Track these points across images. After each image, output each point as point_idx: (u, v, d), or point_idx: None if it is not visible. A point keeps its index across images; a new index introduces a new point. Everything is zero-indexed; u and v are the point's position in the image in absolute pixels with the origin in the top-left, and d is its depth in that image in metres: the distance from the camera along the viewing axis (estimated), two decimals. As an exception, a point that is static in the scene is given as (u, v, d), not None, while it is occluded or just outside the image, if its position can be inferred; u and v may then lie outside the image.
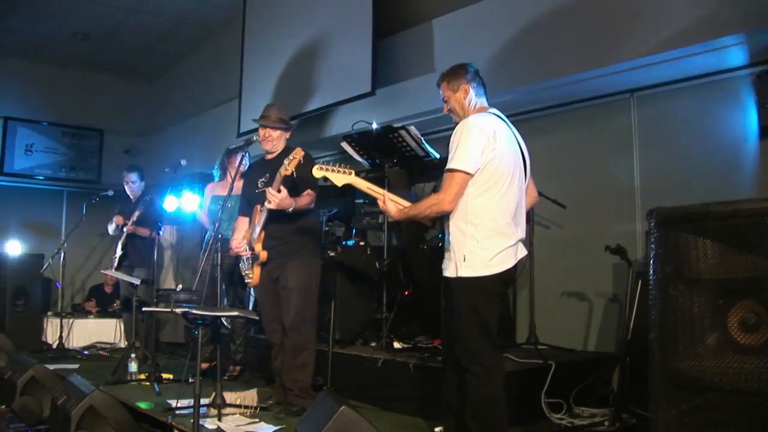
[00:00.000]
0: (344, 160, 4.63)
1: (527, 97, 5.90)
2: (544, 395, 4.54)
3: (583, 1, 5.32)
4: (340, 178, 3.74)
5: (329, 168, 3.75)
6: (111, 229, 7.33)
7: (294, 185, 4.51)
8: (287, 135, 4.92)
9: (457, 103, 3.70)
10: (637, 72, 5.17)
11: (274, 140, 4.84)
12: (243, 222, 4.99)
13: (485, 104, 3.72)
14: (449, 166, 3.44)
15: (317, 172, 3.78)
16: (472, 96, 3.67)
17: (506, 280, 3.53)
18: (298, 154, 4.30)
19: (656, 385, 2.89)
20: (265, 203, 4.47)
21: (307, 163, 4.35)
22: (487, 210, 3.45)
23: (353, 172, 3.75)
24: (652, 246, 2.99)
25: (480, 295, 3.41)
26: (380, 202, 3.68)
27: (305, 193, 4.60)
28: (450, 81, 3.72)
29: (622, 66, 5.08)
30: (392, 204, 3.65)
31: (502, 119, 3.65)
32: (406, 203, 3.66)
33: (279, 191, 4.38)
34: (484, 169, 3.43)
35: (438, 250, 3.74)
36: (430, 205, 3.49)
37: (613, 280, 5.50)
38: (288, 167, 4.29)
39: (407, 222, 4.73)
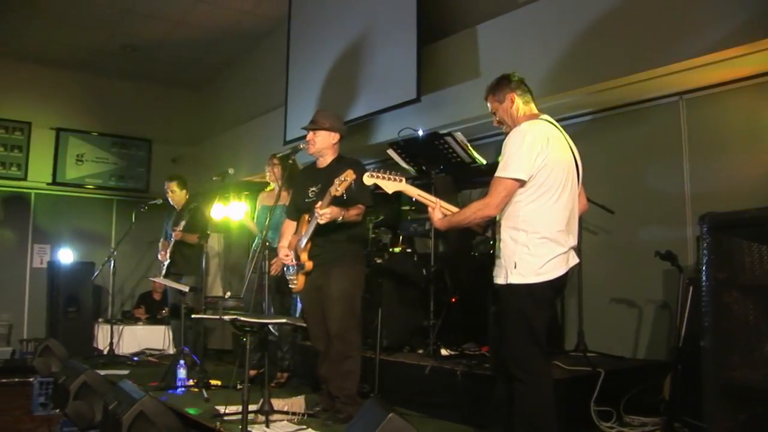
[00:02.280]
0: (390, 167, 4.64)
1: (574, 101, 5.84)
2: (594, 403, 4.48)
3: (630, 4, 5.25)
4: (391, 185, 3.74)
5: (380, 175, 3.75)
6: (161, 256, 7.42)
7: (344, 200, 4.51)
8: (334, 140, 4.86)
9: (505, 113, 3.70)
10: (686, 74, 5.09)
11: (316, 145, 4.82)
12: (290, 227, 5.02)
13: (534, 110, 3.70)
14: (498, 173, 3.43)
15: (368, 180, 3.78)
16: (519, 104, 3.66)
17: (557, 287, 3.51)
18: (349, 176, 4.26)
19: (710, 394, 2.84)
20: (315, 217, 4.48)
21: (360, 176, 4.36)
22: (539, 217, 3.43)
23: (404, 179, 3.74)
24: (705, 252, 2.95)
25: (530, 302, 3.40)
26: (430, 210, 3.69)
27: (355, 205, 4.60)
28: (495, 92, 3.72)
29: (671, 68, 5.00)
30: (439, 213, 3.66)
31: (554, 125, 3.62)
32: (455, 210, 3.65)
33: (328, 206, 4.41)
34: (537, 176, 3.42)
35: (485, 257, 3.72)
36: (475, 210, 3.48)
37: (662, 287, 5.41)
38: (338, 188, 4.28)
39: (455, 230, 4.69)
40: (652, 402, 4.82)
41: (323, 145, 4.83)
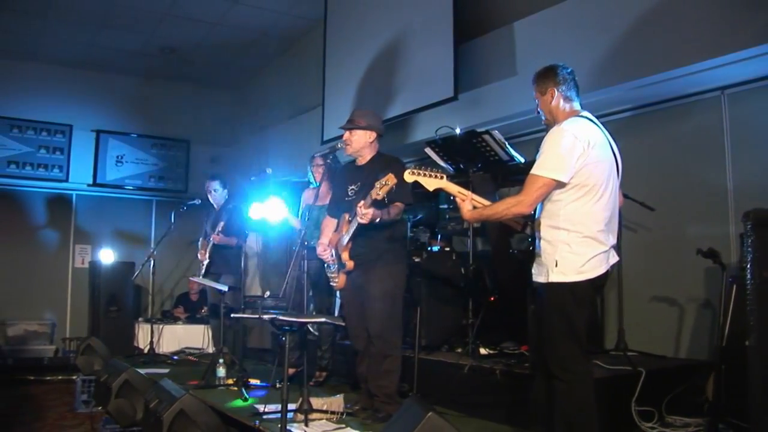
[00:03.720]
0: (429, 165, 4.62)
1: (614, 97, 5.79)
2: (635, 403, 4.44)
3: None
4: (432, 182, 3.74)
5: (421, 172, 3.75)
6: (200, 255, 7.50)
7: (383, 200, 4.51)
8: (371, 138, 4.85)
9: (545, 106, 3.69)
10: (728, 68, 5.01)
11: (353, 144, 4.84)
12: (330, 223, 5.06)
13: (576, 107, 3.68)
14: (534, 170, 3.42)
15: (409, 177, 3.78)
16: (560, 101, 3.64)
17: (597, 286, 3.50)
18: (391, 180, 4.24)
19: (756, 394, 2.81)
20: (356, 217, 4.50)
21: (399, 173, 4.36)
22: (581, 216, 3.42)
23: (445, 176, 3.74)
24: (749, 249, 2.91)
25: (571, 300, 3.39)
26: (459, 200, 3.69)
27: (394, 204, 4.60)
28: (539, 83, 3.71)
29: (713, 62, 4.93)
30: (469, 204, 3.65)
31: (595, 123, 3.60)
32: (487, 203, 3.65)
33: (368, 208, 4.43)
34: (578, 175, 3.41)
35: (524, 255, 3.70)
36: (509, 206, 3.48)
37: (704, 285, 5.35)
38: (380, 192, 4.27)
39: (494, 227, 4.70)
40: (695, 402, 4.76)
41: (360, 145, 4.84)
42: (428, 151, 5.88)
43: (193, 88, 11.85)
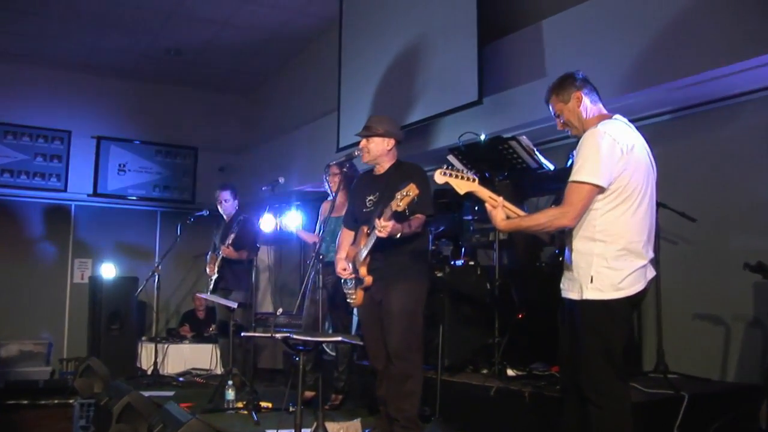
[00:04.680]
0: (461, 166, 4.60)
1: (652, 99, 5.77)
2: (677, 430, 4.41)
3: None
4: (464, 185, 3.69)
5: (453, 173, 3.71)
6: (208, 270, 7.55)
7: (404, 213, 4.48)
8: (389, 146, 4.89)
9: (572, 114, 3.67)
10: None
11: (371, 152, 4.87)
12: (347, 236, 5.09)
13: (603, 110, 3.69)
14: (575, 177, 3.39)
15: (439, 178, 3.73)
16: (586, 103, 3.64)
17: (635, 303, 3.48)
18: (412, 191, 4.18)
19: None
20: (375, 231, 4.49)
21: (420, 183, 4.36)
22: (618, 227, 3.40)
23: (476, 178, 3.71)
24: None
25: (607, 320, 3.37)
26: (489, 207, 3.66)
27: (414, 216, 4.61)
28: (559, 92, 3.70)
29: (762, 60, 4.86)
30: (502, 213, 3.62)
31: (630, 126, 3.60)
32: (521, 213, 3.64)
33: (388, 221, 4.41)
34: (616, 182, 3.39)
35: (554, 269, 3.69)
36: (550, 219, 3.46)
37: (753, 301, 5.30)
38: (400, 203, 4.22)
39: (521, 239, 4.68)
40: (746, 430, 4.71)
41: (378, 152, 4.87)
42: (451, 158, 5.88)
43: (200, 92, 11.92)
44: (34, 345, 10.04)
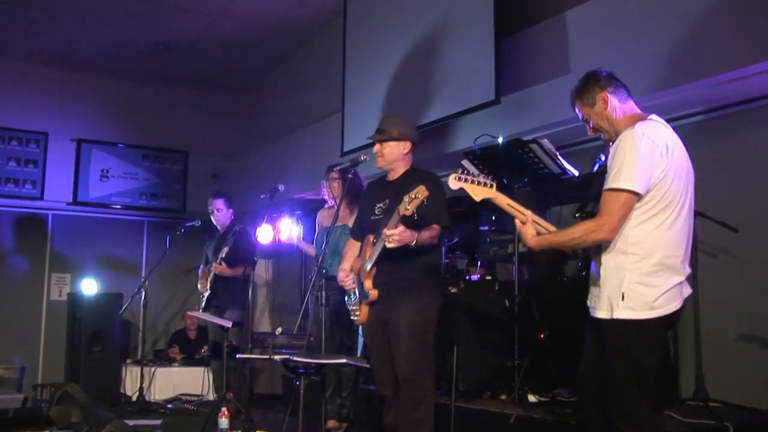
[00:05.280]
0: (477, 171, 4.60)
1: (685, 98, 5.76)
2: (719, 464, 4.40)
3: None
4: (481, 191, 3.69)
5: (469, 178, 3.71)
6: (200, 286, 7.59)
7: (417, 221, 4.50)
8: (405, 150, 4.91)
9: (600, 118, 3.67)
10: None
11: (385, 157, 4.90)
12: (353, 247, 5.12)
13: (636, 108, 3.69)
14: (612, 184, 3.37)
15: (454, 183, 3.73)
16: (614, 103, 3.63)
17: (670, 323, 3.48)
18: (421, 192, 4.22)
19: None
20: (381, 239, 4.50)
21: (435, 191, 4.41)
22: (654, 239, 3.38)
23: (495, 184, 3.71)
24: None
25: (640, 342, 3.36)
26: (518, 223, 3.65)
27: (431, 227, 4.63)
28: (583, 96, 3.71)
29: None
30: (532, 229, 3.61)
31: (668, 128, 3.59)
32: (551, 228, 3.64)
33: (396, 228, 4.40)
34: (655, 189, 3.37)
35: (580, 285, 3.70)
36: (586, 232, 3.43)
37: (804, 322, 5.30)
38: (408, 206, 4.25)
39: (543, 251, 4.69)
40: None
41: (393, 157, 4.90)
42: (465, 163, 5.90)
43: (191, 91, 11.96)
44: (5, 370, 9.92)
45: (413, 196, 4.24)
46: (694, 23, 5.48)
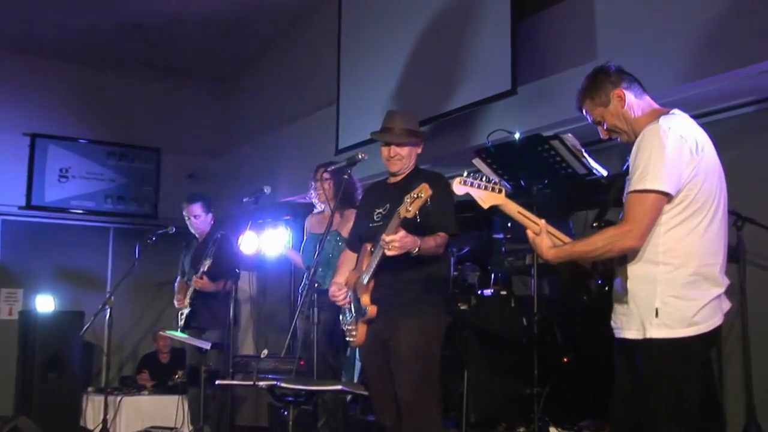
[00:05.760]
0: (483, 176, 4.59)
1: (730, 87, 5.72)
2: None
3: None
4: (488, 197, 3.74)
5: (475, 182, 3.75)
6: (177, 301, 7.61)
7: (420, 226, 4.48)
8: (418, 150, 4.99)
9: (617, 118, 3.70)
10: None
11: (403, 159, 4.92)
12: (348, 259, 5.17)
13: (654, 104, 3.73)
14: (637, 186, 3.40)
15: (459, 188, 3.80)
16: (630, 99, 3.68)
17: (711, 342, 3.49)
18: (425, 192, 4.21)
19: None
20: (380, 247, 4.47)
21: (441, 194, 4.47)
22: (688, 245, 3.41)
23: (504, 189, 3.75)
24: None
25: (681, 364, 3.38)
26: (530, 234, 3.68)
27: (437, 234, 4.65)
28: (594, 95, 3.74)
29: None
30: (548, 239, 3.64)
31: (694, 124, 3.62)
32: (567, 239, 3.67)
33: (396, 233, 4.38)
34: (685, 190, 3.40)
35: (604, 300, 3.73)
36: (611, 241, 3.45)
37: None
38: (410, 208, 4.23)
39: (565, 263, 4.71)
40: None
41: (411, 159, 4.97)
42: (477, 162, 5.93)
43: (164, 79, 11.97)
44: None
45: (415, 195, 4.22)
46: (738, 4, 5.44)
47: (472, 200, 3.80)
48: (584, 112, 3.82)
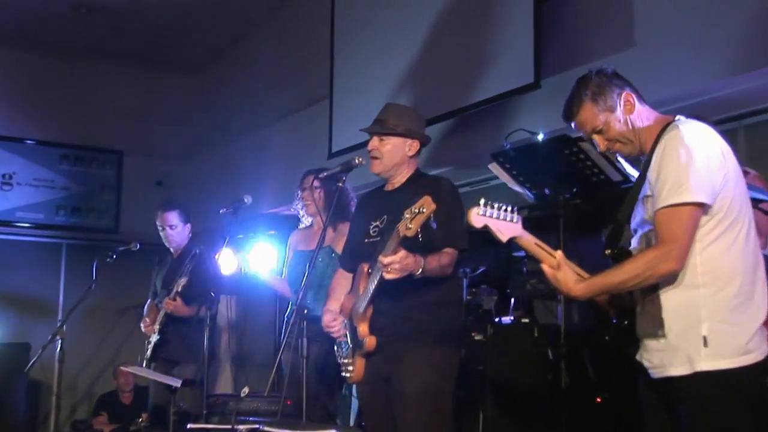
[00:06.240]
0: (492, 192, 4.55)
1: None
2: None
3: None
4: (507, 228, 3.67)
5: (494, 212, 3.65)
6: (144, 326, 7.57)
7: (423, 244, 4.42)
8: (411, 150, 4.94)
9: (624, 126, 3.72)
10: None
11: (384, 158, 4.90)
12: (342, 280, 5.19)
13: (655, 112, 3.77)
14: (671, 199, 3.40)
15: (477, 219, 3.66)
16: (637, 104, 3.72)
17: (763, 370, 3.47)
18: (427, 206, 4.15)
19: None
20: (378, 269, 4.45)
21: (447, 202, 4.48)
22: (730, 263, 3.43)
23: (520, 218, 3.68)
24: None
25: (737, 399, 3.37)
26: (548, 270, 3.65)
27: (443, 251, 4.65)
28: (598, 98, 3.73)
29: None
30: (571, 272, 3.62)
31: None
32: (584, 273, 3.64)
33: (394, 254, 4.33)
34: (718, 200, 3.42)
35: (632, 338, 3.73)
36: (651, 265, 3.43)
37: None
38: (410, 225, 4.18)
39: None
40: None
41: (395, 159, 4.91)
42: (494, 168, 5.96)
43: (127, 70, 12.03)
44: None
45: (416, 210, 4.17)
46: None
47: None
48: (580, 123, 3.81)
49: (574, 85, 3.86)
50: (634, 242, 3.76)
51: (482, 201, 3.67)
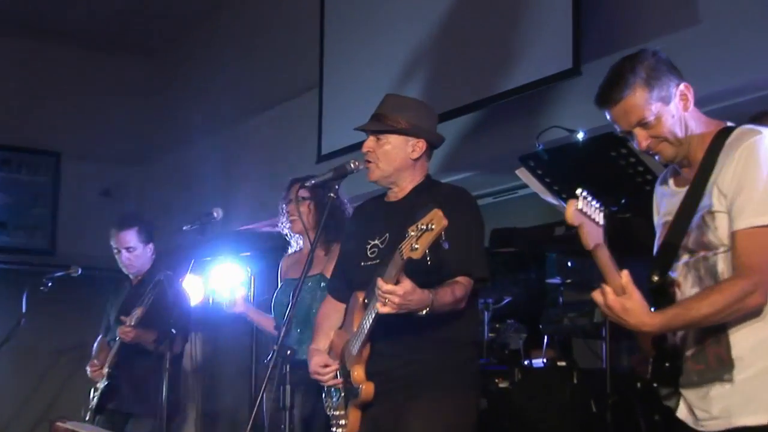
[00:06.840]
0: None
1: None
2: None
3: None
4: (596, 233, 3.52)
5: (590, 211, 3.49)
6: (91, 369, 7.50)
7: (432, 269, 4.37)
8: (416, 152, 4.89)
9: (677, 122, 3.71)
10: None
11: (381, 162, 4.86)
12: (332, 312, 5.16)
13: (701, 113, 3.78)
14: (756, 221, 3.43)
15: (574, 217, 3.47)
16: (692, 102, 3.72)
17: None
18: (437, 221, 3.98)
19: None
20: (375, 300, 4.36)
21: (463, 219, 4.48)
22: None
23: (603, 225, 3.57)
24: None
25: None
26: (606, 295, 3.50)
27: (455, 280, 4.58)
28: (654, 83, 3.67)
29: None
30: (643, 301, 3.50)
31: None
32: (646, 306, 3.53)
33: (397, 282, 4.22)
34: None
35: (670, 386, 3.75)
36: (740, 298, 3.41)
37: None
38: (416, 245, 4.04)
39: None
40: None
41: (396, 163, 4.88)
42: (522, 174, 5.99)
43: (66, 54, 12.11)
44: None
45: (423, 226, 4.01)
46: None
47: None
48: (617, 108, 3.71)
49: (617, 63, 3.75)
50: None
51: (583, 192, 3.50)
